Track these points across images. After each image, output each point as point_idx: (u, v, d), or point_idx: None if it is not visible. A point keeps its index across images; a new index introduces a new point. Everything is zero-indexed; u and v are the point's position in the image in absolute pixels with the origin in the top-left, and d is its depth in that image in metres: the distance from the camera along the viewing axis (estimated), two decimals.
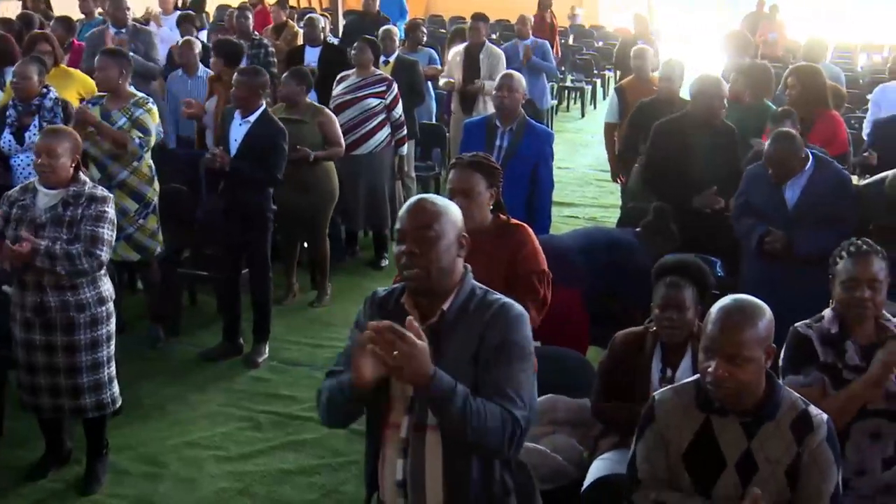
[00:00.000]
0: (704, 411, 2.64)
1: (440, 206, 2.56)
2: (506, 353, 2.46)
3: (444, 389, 2.32)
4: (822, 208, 4.67)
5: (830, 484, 2.58)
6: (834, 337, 3.20)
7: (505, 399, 2.40)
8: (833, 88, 6.74)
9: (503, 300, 2.55)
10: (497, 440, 2.38)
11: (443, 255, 2.50)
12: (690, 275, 3.60)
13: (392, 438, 2.54)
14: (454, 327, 2.50)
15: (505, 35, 15.09)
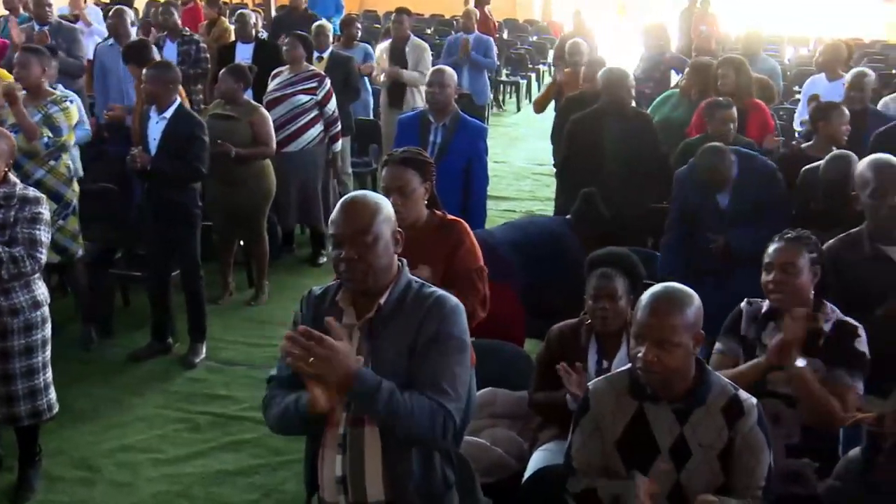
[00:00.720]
0: (637, 399, 2.68)
1: (372, 205, 2.55)
2: (440, 345, 2.46)
3: (367, 388, 2.32)
4: (754, 204, 4.76)
5: (763, 467, 2.64)
6: (762, 316, 3.27)
7: (438, 391, 2.41)
8: (760, 80, 6.89)
9: (438, 293, 2.56)
10: (428, 434, 2.40)
11: (381, 257, 2.50)
12: (621, 265, 3.66)
13: (331, 434, 2.54)
14: (390, 320, 2.50)
15: (439, 30, 15.11)
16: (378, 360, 2.42)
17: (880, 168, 3.56)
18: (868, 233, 3.60)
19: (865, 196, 3.56)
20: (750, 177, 4.81)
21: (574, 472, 2.74)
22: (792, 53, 16.24)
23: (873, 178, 3.55)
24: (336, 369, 2.27)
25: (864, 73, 6.42)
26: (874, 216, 3.56)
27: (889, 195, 3.49)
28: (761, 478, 2.63)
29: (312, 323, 2.56)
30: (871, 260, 3.55)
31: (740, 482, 2.63)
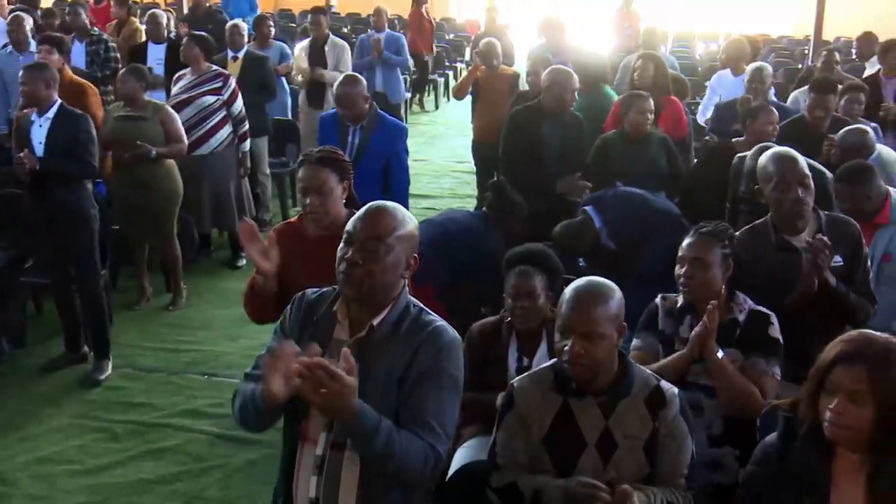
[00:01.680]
0: (562, 394, 2.70)
1: (397, 219, 2.48)
2: (435, 382, 2.40)
3: (368, 427, 2.25)
4: (635, 242, 4.75)
5: (687, 455, 2.69)
6: (677, 310, 3.34)
7: (428, 431, 2.35)
8: (675, 76, 7.05)
9: (437, 323, 2.49)
10: (417, 475, 2.35)
11: (387, 272, 2.44)
12: (539, 262, 3.68)
13: (308, 453, 2.48)
14: (384, 345, 2.44)
15: (355, 28, 15.04)
16: (366, 385, 2.30)
17: (782, 161, 3.64)
18: (773, 224, 3.69)
19: (769, 189, 3.64)
20: (614, 218, 4.80)
21: (498, 469, 2.75)
22: (703, 49, 16.58)
23: (776, 171, 3.63)
24: (343, 405, 2.20)
25: (762, 67, 6.64)
26: (778, 209, 3.65)
27: (792, 188, 3.57)
28: (685, 465, 2.68)
29: (300, 325, 2.52)
30: (778, 250, 3.64)
31: (664, 471, 2.67)
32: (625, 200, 4.87)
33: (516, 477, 2.69)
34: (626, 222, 4.76)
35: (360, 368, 2.29)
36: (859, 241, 3.73)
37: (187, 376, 5.56)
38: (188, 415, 5.09)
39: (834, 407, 2.29)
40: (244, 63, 7.92)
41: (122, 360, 5.69)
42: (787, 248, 3.64)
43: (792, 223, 3.63)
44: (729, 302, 3.31)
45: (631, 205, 4.85)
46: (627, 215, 4.79)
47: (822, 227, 3.67)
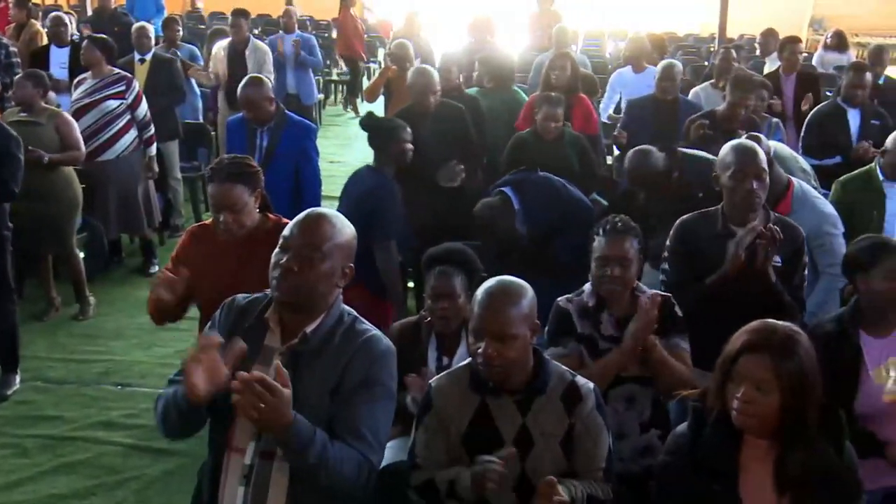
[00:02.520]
0: (479, 393, 2.71)
1: (337, 227, 2.46)
2: (369, 392, 2.39)
3: (302, 439, 2.23)
4: (549, 227, 4.85)
5: (603, 448, 2.73)
6: (591, 310, 3.38)
7: (361, 441, 2.35)
8: (585, 74, 7.16)
9: (372, 332, 2.48)
10: (350, 485, 2.34)
11: (322, 280, 2.42)
12: (458, 262, 3.67)
13: (235, 463, 2.44)
14: (317, 354, 2.42)
15: (266, 30, 14.87)
16: (297, 393, 2.27)
17: (741, 152, 3.71)
18: (723, 212, 3.77)
19: (726, 178, 3.70)
20: (532, 203, 4.89)
21: (418, 469, 2.75)
22: (613, 48, 16.83)
23: (734, 161, 3.69)
24: (278, 417, 2.18)
25: (673, 64, 6.78)
26: (731, 198, 3.71)
27: (747, 179, 3.65)
28: (602, 459, 2.72)
29: (229, 331, 2.48)
30: (722, 238, 3.70)
31: (582, 466, 2.71)
32: (545, 186, 4.93)
33: (433, 474, 2.71)
34: (543, 208, 4.83)
35: (292, 377, 2.27)
36: (802, 246, 3.82)
37: (99, 387, 5.43)
38: (101, 427, 4.97)
39: (741, 395, 2.35)
40: (152, 66, 7.78)
41: (30, 372, 5.53)
42: (731, 236, 3.70)
43: (743, 214, 3.70)
44: (632, 291, 3.38)
45: (551, 190, 4.92)
46: (545, 201, 4.85)
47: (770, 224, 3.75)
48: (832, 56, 11.20)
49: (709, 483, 2.43)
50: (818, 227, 4.21)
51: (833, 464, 2.41)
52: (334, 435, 2.34)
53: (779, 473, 2.40)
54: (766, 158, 3.76)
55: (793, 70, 7.69)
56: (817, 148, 5.90)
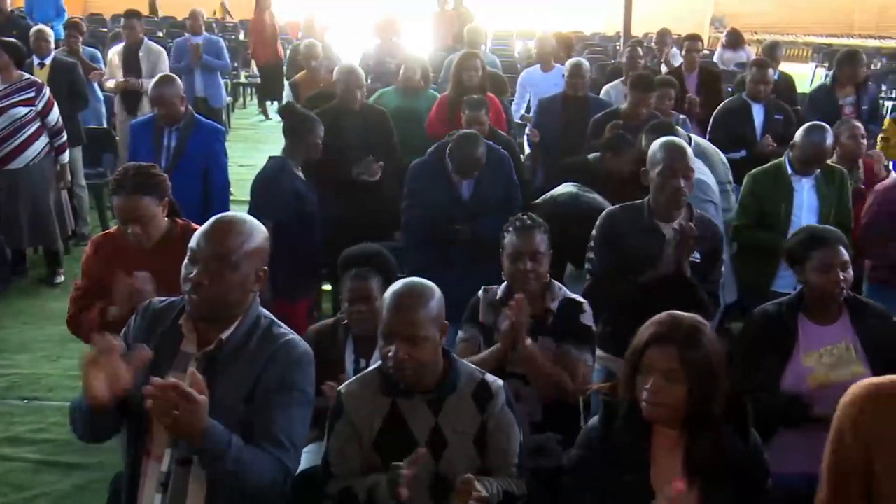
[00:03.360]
0: (390, 396, 2.71)
1: (245, 233, 2.41)
2: (285, 397, 2.37)
3: (218, 445, 2.20)
4: (495, 194, 4.96)
5: (515, 444, 2.76)
6: (497, 302, 3.41)
7: (277, 446, 2.33)
8: (494, 75, 7.23)
9: (289, 336, 2.46)
10: (266, 490, 2.32)
11: (233, 291, 2.38)
12: (374, 264, 3.65)
13: (152, 470, 2.40)
14: (232, 359, 2.39)
15: (172, 33, 14.65)
16: (213, 399, 2.25)
17: (671, 150, 3.78)
18: (649, 207, 3.83)
19: (654, 174, 3.77)
20: (492, 167, 5.00)
21: (333, 477, 2.74)
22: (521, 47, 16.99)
23: (663, 157, 3.76)
24: (192, 423, 2.14)
25: (581, 62, 6.90)
26: (658, 194, 3.78)
27: (676, 176, 3.71)
28: (514, 455, 2.75)
29: (144, 336, 2.44)
30: (646, 231, 3.77)
31: (495, 462, 2.73)
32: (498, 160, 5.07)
33: (350, 481, 2.70)
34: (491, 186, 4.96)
35: (208, 383, 2.25)
36: (721, 244, 3.91)
37: (5, 402, 5.26)
38: (7, 443, 4.82)
39: (650, 386, 2.41)
40: (52, 70, 7.58)
41: None
42: (655, 231, 3.77)
43: (668, 209, 3.77)
44: (545, 291, 3.41)
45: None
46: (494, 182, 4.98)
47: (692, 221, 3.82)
48: (730, 54, 11.54)
49: (620, 474, 2.48)
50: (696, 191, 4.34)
51: (739, 451, 2.48)
52: (251, 440, 2.32)
53: (688, 462, 2.47)
54: (693, 157, 3.85)
55: (694, 68, 7.88)
56: (724, 142, 6.06)
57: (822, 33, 21.79)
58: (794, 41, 21.39)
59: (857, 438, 2.35)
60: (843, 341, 3.38)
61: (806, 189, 4.90)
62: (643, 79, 6.14)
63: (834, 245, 3.40)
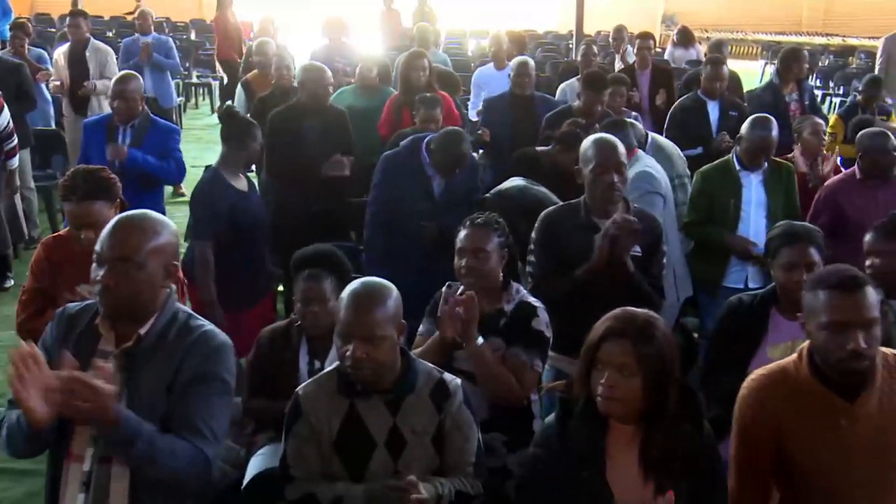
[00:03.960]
0: (348, 397, 2.70)
1: (147, 230, 2.39)
2: (203, 386, 2.37)
3: (128, 434, 2.21)
4: (462, 191, 4.97)
5: (473, 443, 2.77)
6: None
7: (197, 435, 2.33)
8: (446, 74, 7.23)
9: (206, 328, 2.45)
10: (184, 479, 2.32)
11: (142, 290, 2.37)
12: (327, 265, 3.63)
13: (75, 471, 2.38)
14: (151, 354, 2.38)
15: (121, 32, 14.48)
16: (134, 395, 2.28)
17: (602, 147, 3.81)
18: (585, 205, 3.85)
19: (587, 171, 3.79)
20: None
21: (291, 480, 2.72)
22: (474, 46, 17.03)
23: (595, 155, 3.78)
24: (101, 414, 2.15)
25: (526, 61, 6.94)
26: (592, 191, 3.80)
27: (608, 172, 3.74)
28: (471, 453, 2.76)
29: (62, 339, 2.42)
30: (585, 229, 3.79)
31: (453, 461, 2.74)
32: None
33: (313, 488, 2.68)
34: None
35: (128, 379, 2.28)
36: (660, 237, 3.94)
37: None
38: None
39: (605, 381, 2.44)
40: None
41: None
42: (593, 228, 3.79)
43: (604, 205, 3.79)
44: (502, 291, 3.41)
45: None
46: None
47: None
48: (681, 52, 11.66)
49: (577, 471, 2.50)
50: (632, 182, 4.43)
51: (694, 444, 2.51)
52: (171, 430, 2.34)
53: (643, 456, 2.49)
54: (625, 152, 3.88)
55: (646, 65, 7.95)
56: (680, 139, 6.12)
57: (771, 31, 22.10)
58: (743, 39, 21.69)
59: (760, 427, 2.57)
60: None
61: (754, 184, 4.95)
62: (596, 77, 6.18)
63: (803, 244, 3.45)
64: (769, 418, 2.56)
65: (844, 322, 2.44)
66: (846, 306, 2.45)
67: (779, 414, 2.55)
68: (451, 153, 4.83)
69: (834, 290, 2.48)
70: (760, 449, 2.60)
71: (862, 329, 2.43)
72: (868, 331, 2.44)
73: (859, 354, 2.43)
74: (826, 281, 2.52)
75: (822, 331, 2.48)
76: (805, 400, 2.53)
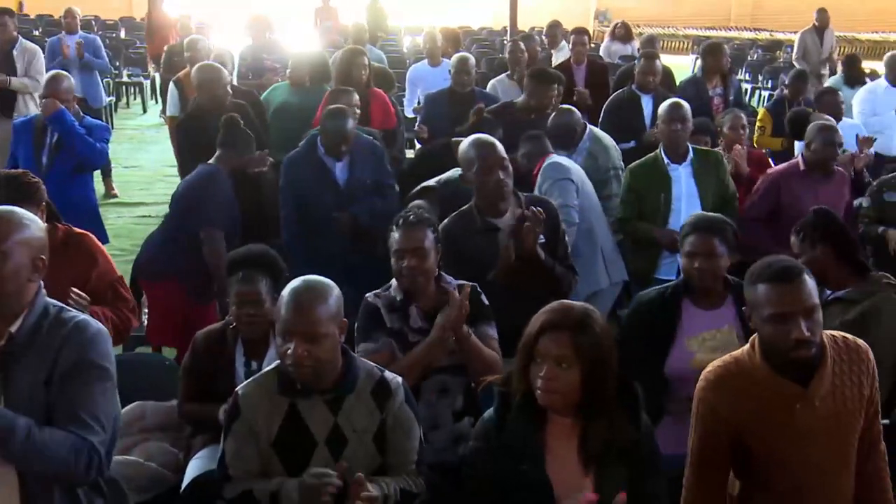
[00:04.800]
0: (288, 396, 2.68)
1: (15, 222, 2.36)
2: (82, 375, 2.34)
3: (2, 428, 2.18)
4: (367, 180, 4.99)
5: (414, 441, 2.77)
6: (399, 304, 3.38)
7: (80, 425, 2.30)
8: (381, 70, 7.20)
9: (79, 318, 2.42)
10: (69, 470, 2.29)
11: (8, 281, 2.32)
12: (261, 265, 3.59)
13: None
14: (26, 350, 2.34)
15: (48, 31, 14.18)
16: (11, 393, 2.25)
17: (482, 147, 3.83)
18: (477, 208, 3.86)
19: (472, 174, 3.81)
20: (362, 150, 5.06)
21: (229, 480, 2.69)
22: (409, 42, 17.03)
23: (476, 156, 3.80)
24: None
25: (467, 57, 6.95)
26: (481, 192, 3.82)
27: (493, 171, 3.75)
28: (413, 452, 2.76)
29: None
30: (483, 232, 3.81)
31: (395, 460, 2.74)
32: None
33: (250, 484, 2.66)
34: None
35: (4, 377, 2.27)
36: (557, 219, 3.99)
37: None
38: None
39: (544, 374, 2.45)
40: None
41: None
42: (491, 229, 3.81)
43: (495, 205, 3.81)
44: (439, 284, 3.41)
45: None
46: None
47: (524, 206, 3.86)
48: (618, 46, 11.79)
49: (516, 465, 2.51)
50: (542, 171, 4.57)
51: (631, 435, 2.54)
52: (54, 423, 2.32)
53: (582, 449, 2.52)
54: (503, 147, 3.91)
55: (582, 60, 8.00)
56: (614, 132, 6.17)
57: (701, 26, 22.49)
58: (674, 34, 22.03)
59: (716, 419, 2.61)
60: (726, 325, 3.50)
61: (683, 177, 5.01)
62: (543, 74, 6.15)
63: (707, 234, 3.50)
64: (726, 410, 2.60)
65: (785, 313, 2.48)
66: (785, 297, 2.50)
67: (735, 405, 2.59)
68: (332, 132, 4.87)
69: (772, 283, 2.52)
70: (719, 440, 2.63)
71: (803, 317, 2.48)
72: (810, 318, 2.49)
73: (804, 342, 2.48)
74: (763, 274, 2.56)
75: (766, 323, 2.53)
76: (760, 389, 2.57)
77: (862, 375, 2.59)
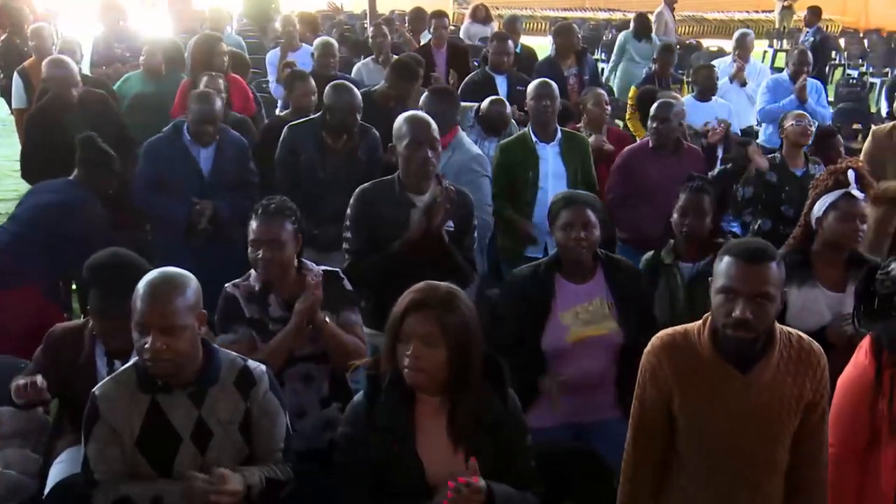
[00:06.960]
0: (149, 392, 2.62)
1: None
2: None
3: None
4: (231, 174, 4.93)
5: (281, 428, 2.75)
6: (257, 293, 3.34)
7: None
8: (236, 55, 7.06)
9: None
10: None
11: None
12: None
13: None
14: None
15: None
16: None
17: (416, 123, 3.82)
18: (399, 181, 3.85)
19: (402, 147, 3.80)
20: (230, 144, 4.99)
21: (96, 484, 2.61)
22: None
23: (409, 130, 3.79)
24: None
25: (330, 41, 6.94)
26: (407, 166, 3.81)
27: (423, 148, 3.75)
28: (280, 440, 2.74)
29: None
30: (400, 205, 3.80)
31: (262, 449, 2.72)
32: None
33: (126, 490, 2.59)
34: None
35: None
36: (471, 211, 3.99)
37: None
38: None
39: (411, 352, 2.46)
40: None
41: None
42: (409, 203, 3.80)
43: (418, 181, 3.80)
44: (300, 271, 3.37)
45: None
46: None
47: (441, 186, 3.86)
48: (477, 28, 11.89)
49: (388, 445, 2.53)
50: (467, 164, 4.57)
51: (499, 412, 2.58)
52: None
53: (451, 426, 2.55)
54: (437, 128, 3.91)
55: (442, 44, 8.03)
56: None
57: (558, 7, 22.89)
58: (532, 15, 22.32)
59: (655, 385, 2.65)
60: (597, 298, 3.58)
61: (551, 156, 5.12)
62: (405, 67, 6.09)
63: (579, 206, 3.57)
64: (665, 376, 2.62)
65: (734, 289, 2.50)
66: (741, 275, 2.50)
67: (675, 374, 2.61)
68: (202, 110, 4.83)
69: (736, 258, 2.53)
70: (656, 408, 2.65)
71: (750, 300, 2.48)
72: (756, 302, 2.48)
73: (742, 322, 2.48)
74: (733, 248, 2.58)
75: (716, 294, 2.55)
76: (700, 364, 2.59)
77: (806, 378, 2.59)
